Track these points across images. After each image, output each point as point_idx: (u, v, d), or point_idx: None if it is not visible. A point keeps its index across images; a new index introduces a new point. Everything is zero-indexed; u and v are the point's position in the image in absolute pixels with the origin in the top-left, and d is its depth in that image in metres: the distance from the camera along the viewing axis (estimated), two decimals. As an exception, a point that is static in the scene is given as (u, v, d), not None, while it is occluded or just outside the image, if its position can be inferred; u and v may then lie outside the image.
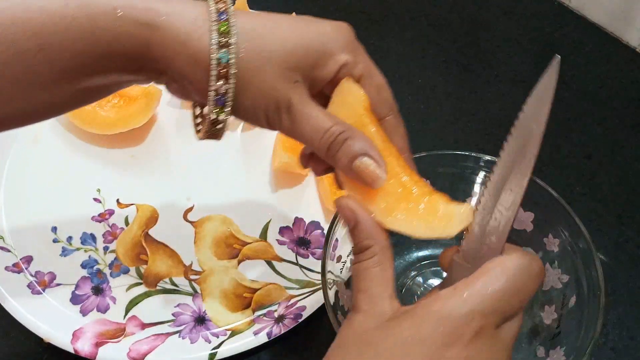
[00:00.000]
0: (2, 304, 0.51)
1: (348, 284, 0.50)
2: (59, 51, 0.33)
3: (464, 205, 0.36)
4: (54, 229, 0.57)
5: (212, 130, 0.36)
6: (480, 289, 0.31)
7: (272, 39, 0.35)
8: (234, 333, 0.51)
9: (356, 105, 0.37)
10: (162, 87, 0.58)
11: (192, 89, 0.36)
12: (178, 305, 0.53)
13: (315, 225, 0.58)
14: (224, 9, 0.34)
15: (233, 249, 0.57)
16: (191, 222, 0.58)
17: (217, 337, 0.51)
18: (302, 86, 0.36)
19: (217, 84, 0.34)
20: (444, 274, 0.54)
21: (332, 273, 0.47)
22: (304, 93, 0.36)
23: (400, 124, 0.39)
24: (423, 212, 0.35)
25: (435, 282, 0.53)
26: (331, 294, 0.46)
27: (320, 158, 0.37)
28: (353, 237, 0.35)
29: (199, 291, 0.54)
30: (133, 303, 0.53)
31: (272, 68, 0.34)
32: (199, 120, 0.39)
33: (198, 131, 0.39)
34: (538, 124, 0.35)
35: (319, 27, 0.36)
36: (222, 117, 0.35)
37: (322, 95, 0.38)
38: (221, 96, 0.34)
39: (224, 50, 0.33)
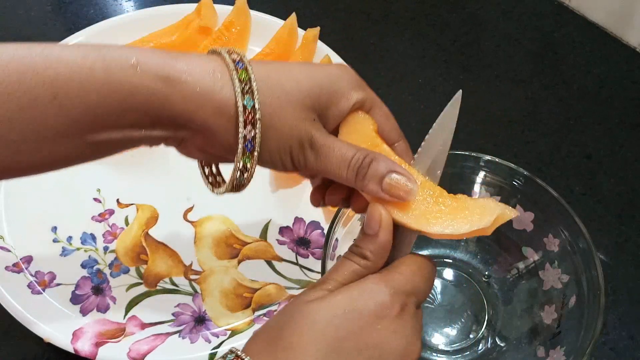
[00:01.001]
0: (2, 304, 0.51)
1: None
2: (73, 101, 0.32)
3: (488, 199, 0.38)
4: (54, 229, 0.57)
5: (239, 181, 0.38)
6: (404, 274, 0.35)
7: (289, 83, 0.36)
8: (234, 333, 0.51)
9: (367, 130, 0.39)
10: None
11: (215, 142, 0.36)
12: (178, 305, 0.53)
13: (315, 225, 0.58)
14: (239, 59, 0.35)
15: (233, 248, 0.57)
16: (191, 222, 0.58)
17: (217, 337, 0.51)
18: (319, 123, 0.37)
19: (246, 129, 0.35)
20: (444, 274, 0.54)
21: (332, 273, 0.47)
22: (323, 129, 0.37)
23: (409, 148, 0.41)
24: (457, 211, 0.37)
25: (435, 282, 0.53)
26: (331, 293, 0.46)
27: (336, 188, 0.40)
28: (362, 240, 0.36)
29: (199, 291, 0.54)
30: (133, 303, 0.53)
31: (291, 109, 0.36)
32: (210, 179, 0.42)
33: (216, 185, 0.41)
34: (442, 151, 0.39)
35: (326, 70, 0.38)
36: (249, 164, 0.36)
37: (334, 133, 0.40)
38: (249, 142, 0.35)
39: (247, 96, 0.34)
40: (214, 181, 0.41)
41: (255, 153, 0.36)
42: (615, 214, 0.59)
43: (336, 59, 0.65)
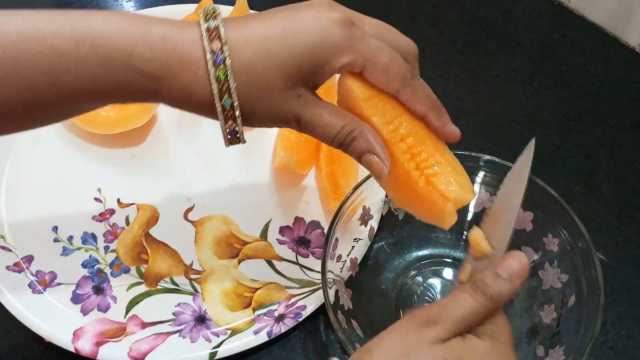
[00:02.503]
0: (3, 303, 0.52)
1: (348, 283, 0.50)
2: (70, 89, 0.35)
3: (457, 199, 0.39)
4: (55, 229, 0.57)
5: (233, 140, 0.39)
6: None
7: (267, 68, 0.36)
8: (234, 332, 0.51)
9: (355, 101, 0.39)
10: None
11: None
12: (178, 305, 0.53)
13: (315, 224, 0.58)
14: (218, 49, 0.35)
15: (233, 248, 0.57)
16: (192, 222, 0.58)
17: (218, 336, 0.51)
18: (305, 95, 0.38)
19: (227, 124, 0.37)
20: (443, 274, 0.54)
21: (332, 272, 0.48)
22: (309, 100, 0.38)
23: (418, 89, 0.40)
24: (426, 203, 0.39)
25: (435, 281, 0.54)
26: (331, 293, 0.47)
27: None
28: (503, 285, 0.35)
29: (199, 290, 0.54)
30: (134, 302, 0.54)
31: (272, 95, 0.37)
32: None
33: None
34: (514, 201, 0.38)
35: (308, 34, 0.36)
36: (237, 141, 0.39)
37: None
38: (233, 131, 0.38)
39: (225, 96, 0.36)
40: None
41: (240, 135, 0.38)
42: (615, 213, 0.59)
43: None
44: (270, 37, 0.36)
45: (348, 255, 0.51)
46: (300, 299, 0.53)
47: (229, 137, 0.38)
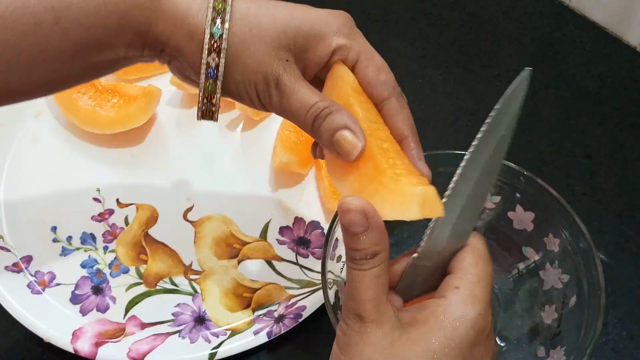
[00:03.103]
0: (2, 304, 0.51)
1: (348, 283, 0.50)
2: (74, 24, 0.35)
3: (427, 187, 0.34)
4: (54, 229, 0.57)
5: (208, 108, 0.38)
6: (481, 284, 0.34)
7: (265, 19, 0.36)
8: (234, 333, 0.51)
9: (344, 87, 0.37)
10: (161, 86, 0.58)
11: (187, 65, 0.37)
12: (178, 305, 0.53)
13: (315, 224, 0.58)
14: None
15: (233, 248, 0.56)
16: (191, 222, 0.58)
17: (217, 336, 0.51)
18: (292, 65, 0.37)
19: (210, 57, 0.36)
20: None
21: (332, 273, 0.47)
22: (294, 71, 0.37)
23: (403, 106, 0.39)
24: (389, 193, 0.34)
25: (436, 281, 0.53)
26: (331, 293, 0.46)
27: None
28: (358, 242, 0.33)
29: (198, 291, 0.54)
30: (133, 303, 0.53)
31: (262, 45, 0.36)
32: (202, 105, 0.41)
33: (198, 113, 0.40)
34: (507, 130, 0.35)
35: (313, 12, 0.38)
36: (212, 88, 0.37)
37: (318, 81, 0.39)
38: (213, 69, 0.36)
39: (217, 25, 0.35)
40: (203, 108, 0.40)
41: (219, 81, 0.37)
42: (616, 213, 0.59)
43: (336, 58, 0.65)
44: (277, 4, 0.38)
45: (348, 255, 0.50)
46: (300, 300, 0.53)
47: (205, 93, 0.37)
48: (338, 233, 0.48)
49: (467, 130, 0.65)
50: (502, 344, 0.50)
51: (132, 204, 0.59)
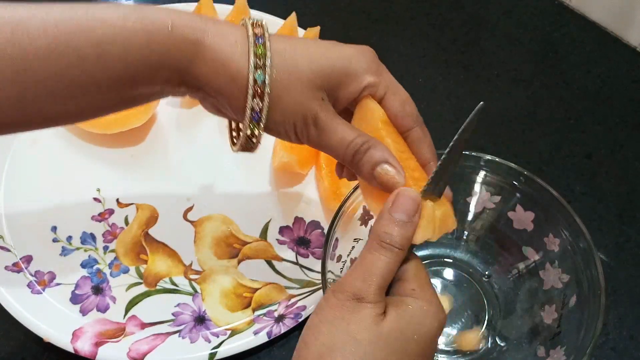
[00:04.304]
0: (2, 304, 0.51)
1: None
2: (116, 60, 0.36)
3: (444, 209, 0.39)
4: (54, 229, 0.57)
5: (247, 145, 0.40)
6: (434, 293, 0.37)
7: (302, 60, 0.38)
8: (234, 333, 0.51)
9: (374, 120, 0.40)
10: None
11: (227, 106, 0.39)
12: (178, 305, 0.53)
13: (315, 224, 0.58)
14: (260, 34, 0.38)
15: (233, 248, 0.56)
16: (191, 222, 0.58)
17: (217, 336, 0.51)
18: (328, 104, 0.39)
19: (253, 101, 0.37)
20: (444, 274, 0.54)
21: (332, 272, 0.47)
22: (330, 109, 0.39)
23: (426, 135, 0.42)
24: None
25: (436, 281, 0.53)
26: (331, 293, 0.46)
27: None
28: (395, 228, 0.35)
29: (198, 291, 0.54)
30: (133, 303, 0.53)
31: (301, 86, 0.38)
32: (234, 133, 0.44)
33: (234, 144, 0.42)
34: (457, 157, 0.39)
35: (343, 50, 0.40)
36: (256, 132, 0.39)
37: (347, 112, 0.41)
38: (256, 113, 0.38)
39: (259, 71, 0.37)
40: (237, 137, 0.43)
41: (261, 123, 0.38)
42: (616, 213, 0.59)
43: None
44: (309, 43, 0.40)
45: (348, 255, 0.51)
46: (300, 299, 0.53)
47: (248, 132, 0.39)
48: (338, 233, 0.48)
49: (467, 130, 0.65)
50: (502, 344, 0.50)
51: (132, 203, 0.59)
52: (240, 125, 0.41)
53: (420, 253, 0.55)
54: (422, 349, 0.34)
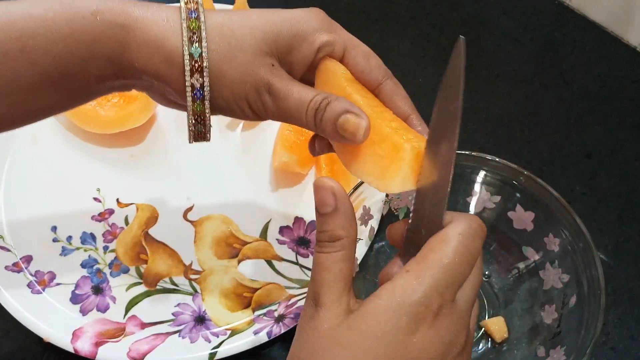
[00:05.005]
0: (2, 304, 0.51)
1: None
2: (41, 54, 0.34)
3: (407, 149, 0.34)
4: (54, 229, 0.57)
5: (198, 129, 0.37)
6: (430, 269, 0.31)
7: (242, 29, 0.36)
8: (234, 332, 0.51)
9: (338, 80, 0.37)
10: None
11: (170, 90, 0.36)
12: (178, 305, 0.53)
13: (315, 224, 0.58)
14: (194, 8, 0.35)
15: (233, 248, 0.56)
16: (191, 222, 0.58)
17: (217, 336, 0.51)
18: (279, 69, 0.36)
19: (193, 78, 0.35)
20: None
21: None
22: (283, 74, 0.36)
23: (399, 86, 0.39)
24: (380, 162, 0.35)
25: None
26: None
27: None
28: (325, 223, 0.33)
29: (199, 291, 0.54)
30: (133, 302, 0.53)
31: (244, 55, 0.35)
32: (192, 127, 0.40)
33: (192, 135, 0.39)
34: (455, 104, 0.36)
35: (288, 13, 0.37)
36: (205, 112, 0.36)
37: (306, 82, 0.38)
38: (198, 90, 0.35)
39: (195, 45, 0.34)
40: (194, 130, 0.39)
41: (206, 101, 0.36)
42: (616, 213, 0.59)
43: (336, 58, 0.65)
44: (249, 12, 0.37)
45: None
46: (300, 299, 0.53)
47: (194, 114, 0.36)
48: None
49: (467, 130, 0.65)
50: (502, 344, 0.50)
51: (132, 203, 0.59)
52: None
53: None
54: (392, 351, 0.30)
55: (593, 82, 0.69)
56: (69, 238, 0.57)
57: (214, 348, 0.50)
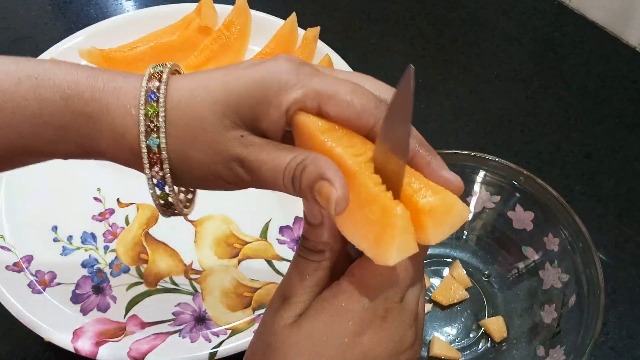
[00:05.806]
0: (2, 303, 0.51)
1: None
2: (6, 130, 0.33)
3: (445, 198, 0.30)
4: (55, 228, 0.57)
5: (169, 212, 0.36)
6: (375, 276, 0.31)
7: (202, 106, 0.32)
8: (234, 332, 0.51)
9: (313, 135, 0.32)
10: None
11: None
12: (178, 305, 0.53)
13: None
14: (155, 87, 0.33)
15: (233, 248, 0.57)
16: (191, 222, 0.58)
17: (218, 336, 0.51)
18: (249, 137, 0.33)
19: (152, 171, 0.33)
20: (444, 274, 0.54)
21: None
22: (255, 142, 0.33)
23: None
24: (373, 227, 0.30)
25: (436, 281, 0.54)
26: (331, 293, 0.46)
27: None
28: (310, 232, 0.33)
29: (199, 290, 0.54)
30: (133, 302, 0.53)
31: (208, 135, 0.32)
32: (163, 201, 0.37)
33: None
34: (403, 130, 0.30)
35: (250, 74, 0.33)
36: (164, 197, 0.34)
37: (289, 135, 0.35)
38: (159, 181, 0.34)
39: (153, 135, 0.32)
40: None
41: (167, 189, 0.34)
42: (615, 213, 0.59)
43: (336, 58, 0.65)
44: (211, 77, 0.33)
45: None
46: (300, 299, 0.53)
47: (159, 200, 0.34)
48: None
49: (467, 130, 0.66)
50: (501, 343, 0.50)
51: (132, 203, 0.59)
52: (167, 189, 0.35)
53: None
54: (340, 352, 0.30)
55: (592, 82, 0.69)
56: (70, 238, 0.57)
57: (214, 347, 0.50)
